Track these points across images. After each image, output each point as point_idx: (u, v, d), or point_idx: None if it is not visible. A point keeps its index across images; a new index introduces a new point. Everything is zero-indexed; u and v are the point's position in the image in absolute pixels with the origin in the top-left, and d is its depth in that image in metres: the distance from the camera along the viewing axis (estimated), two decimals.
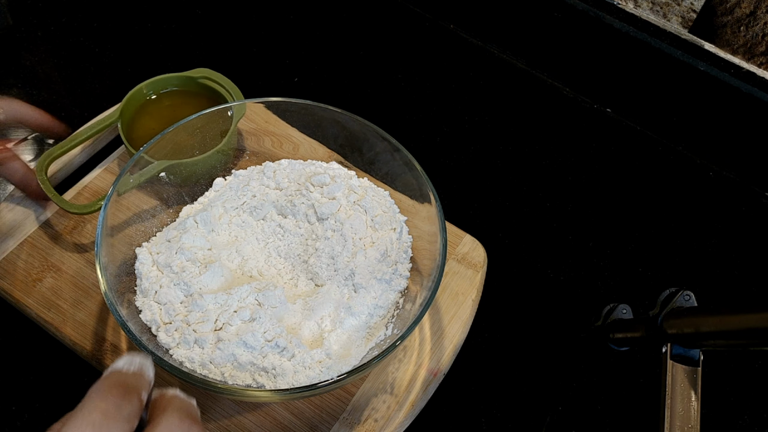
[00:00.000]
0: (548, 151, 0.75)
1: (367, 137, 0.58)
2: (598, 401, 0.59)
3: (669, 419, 0.49)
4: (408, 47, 0.84)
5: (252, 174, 0.60)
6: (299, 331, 0.51)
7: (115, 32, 0.81)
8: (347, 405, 0.53)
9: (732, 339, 0.47)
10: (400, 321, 0.53)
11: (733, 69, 0.71)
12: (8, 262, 0.57)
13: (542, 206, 0.71)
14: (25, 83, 0.75)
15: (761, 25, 0.70)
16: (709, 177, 0.75)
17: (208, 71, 0.66)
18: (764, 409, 0.60)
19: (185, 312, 0.50)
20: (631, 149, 0.77)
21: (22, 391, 0.55)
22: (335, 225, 0.55)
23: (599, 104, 0.80)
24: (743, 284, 0.67)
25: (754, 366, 0.62)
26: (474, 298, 0.60)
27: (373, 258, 0.53)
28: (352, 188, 0.57)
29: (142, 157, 0.54)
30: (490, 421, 0.57)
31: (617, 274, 0.66)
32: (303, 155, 0.62)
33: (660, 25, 0.74)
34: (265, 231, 0.57)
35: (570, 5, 0.76)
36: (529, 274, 0.66)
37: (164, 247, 0.54)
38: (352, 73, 0.81)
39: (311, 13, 0.85)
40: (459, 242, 0.62)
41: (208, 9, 0.84)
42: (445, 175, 0.71)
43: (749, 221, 0.72)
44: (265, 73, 0.79)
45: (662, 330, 0.51)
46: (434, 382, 0.55)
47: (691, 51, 0.72)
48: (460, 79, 0.81)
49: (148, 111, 0.65)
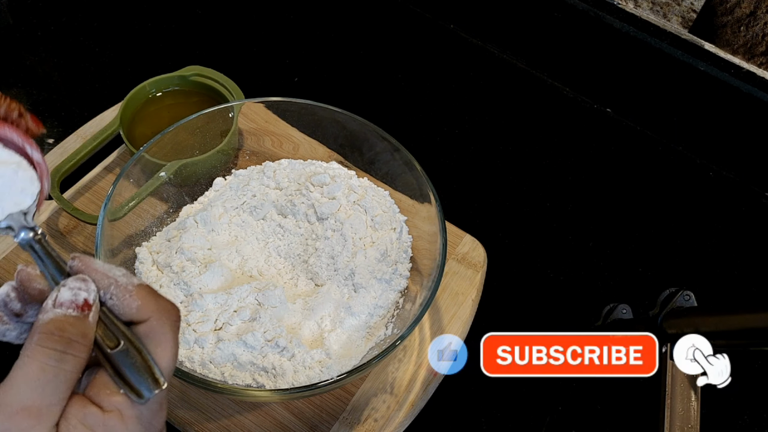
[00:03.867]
0: (548, 151, 0.75)
1: (367, 137, 0.58)
2: (598, 401, 0.59)
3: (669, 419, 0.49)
4: (408, 47, 0.84)
5: (252, 174, 0.60)
6: (299, 330, 0.51)
7: (115, 32, 0.81)
8: (347, 405, 0.53)
9: (732, 339, 0.47)
10: (400, 321, 0.53)
11: (733, 69, 0.71)
12: (8, 262, 0.57)
13: (542, 206, 0.71)
14: (25, 83, 0.75)
15: (761, 25, 0.70)
16: (709, 177, 0.75)
17: (200, 68, 0.66)
18: (764, 409, 0.60)
19: (185, 312, 0.50)
20: (631, 149, 0.77)
21: None
22: (335, 225, 0.55)
23: (599, 104, 0.80)
24: (743, 284, 0.67)
25: (754, 366, 0.62)
26: (474, 298, 0.60)
27: (373, 258, 0.53)
28: (352, 188, 0.57)
29: (143, 157, 0.54)
30: (490, 421, 0.57)
31: (617, 274, 0.66)
32: (303, 155, 0.62)
33: (660, 25, 0.74)
34: (265, 231, 0.57)
35: (570, 5, 0.76)
36: (529, 274, 0.66)
37: (164, 246, 0.54)
38: (352, 73, 0.81)
39: (311, 13, 0.85)
40: (459, 242, 0.62)
41: (208, 9, 0.84)
42: (445, 175, 0.71)
43: (749, 221, 0.72)
44: (265, 73, 0.79)
45: (662, 330, 0.51)
46: (434, 382, 0.55)
47: (691, 51, 0.72)
48: (460, 79, 0.81)
49: (149, 110, 0.65)
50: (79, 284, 0.32)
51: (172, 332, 0.32)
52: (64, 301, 0.31)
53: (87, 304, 0.31)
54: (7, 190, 0.37)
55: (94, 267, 0.32)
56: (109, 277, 0.32)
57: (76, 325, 0.30)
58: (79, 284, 0.32)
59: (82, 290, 0.32)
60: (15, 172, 0.37)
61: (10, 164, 0.38)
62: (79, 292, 0.31)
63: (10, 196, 0.37)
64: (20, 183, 0.37)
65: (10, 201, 0.37)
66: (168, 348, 0.31)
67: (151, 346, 0.31)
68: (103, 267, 0.33)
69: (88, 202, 0.62)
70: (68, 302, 0.31)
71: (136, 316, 0.31)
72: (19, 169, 0.38)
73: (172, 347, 0.31)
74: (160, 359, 0.31)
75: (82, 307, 0.31)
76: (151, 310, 0.31)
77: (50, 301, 0.31)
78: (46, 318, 0.30)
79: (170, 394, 0.51)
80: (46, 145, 0.69)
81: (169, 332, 0.31)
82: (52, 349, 0.29)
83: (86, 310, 0.31)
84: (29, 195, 0.37)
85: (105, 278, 0.32)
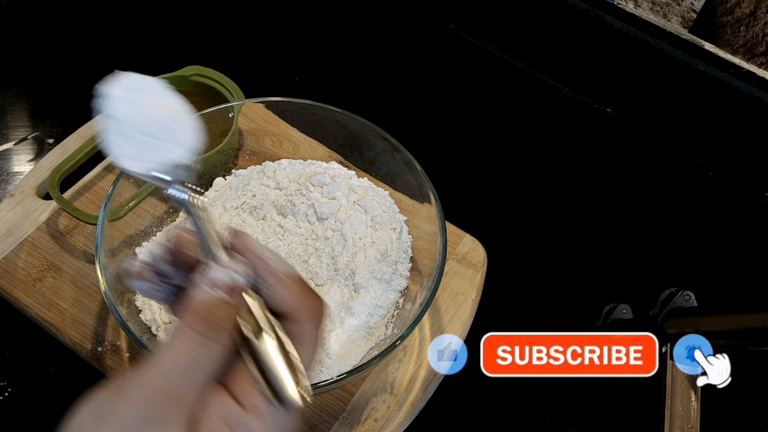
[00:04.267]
0: (548, 151, 0.75)
1: (367, 137, 0.58)
2: (598, 401, 0.59)
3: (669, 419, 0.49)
4: (408, 47, 0.84)
5: (252, 174, 0.60)
6: None
7: (115, 32, 0.81)
8: (347, 405, 0.53)
9: (732, 339, 0.47)
10: (400, 321, 0.53)
11: (733, 69, 0.71)
12: (8, 262, 0.57)
13: (542, 206, 0.71)
14: (25, 83, 0.75)
15: (761, 25, 0.70)
16: (709, 177, 0.75)
17: (200, 68, 0.66)
18: (764, 409, 0.60)
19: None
20: (631, 149, 0.77)
21: (21, 392, 0.54)
22: (335, 225, 0.55)
23: (599, 104, 0.80)
24: (743, 284, 0.67)
25: (754, 366, 0.62)
26: (474, 298, 0.60)
27: (373, 258, 0.53)
28: (352, 188, 0.57)
29: None
30: (490, 421, 0.57)
31: (617, 274, 0.66)
32: (303, 155, 0.62)
33: (660, 25, 0.74)
34: (265, 231, 0.57)
35: (570, 5, 0.76)
36: (529, 274, 0.66)
37: None
38: (352, 73, 0.81)
39: (311, 13, 0.85)
40: (459, 242, 0.62)
41: (208, 9, 0.84)
42: (445, 175, 0.71)
43: (749, 221, 0.72)
44: (265, 73, 0.79)
45: (662, 330, 0.51)
46: (434, 382, 0.55)
47: (691, 51, 0.72)
48: (460, 79, 0.81)
49: None
50: (235, 265, 0.29)
51: (317, 333, 0.30)
52: (217, 283, 0.29)
53: (241, 288, 0.29)
54: (174, 137, 0.34)
55: (253, 249, 0.30)
56: (267, 263, 0.30)
57: (226, 311, 0.28)
58: (235, 265, 0.29)
59: (237, 273, 0.29)
60: (183, 119, 0.34)
61: (180, 110, 0.35)
62: (234, 276, 0.29)
63: (176, 143, 0.34)
64: (185, 132, 0.34)
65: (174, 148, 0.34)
66: (310, 350, 0.29)
67: (295, 344, 0.29)
68: (260, 250, 0.30)
69: (88, 202, 0.62)
70: (222, 284, 0.29)
71: (285, 309, 0.29)
72: (181, 118, 0.35)
73: (314, 350, 0.29)
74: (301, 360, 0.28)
75: (236, 291, 0.29)
76: (301, 306, 0.29)
77: (204, 279, 0.29)
78: (198, 297, 0.28)
79: None
80: (46, 145, 0.69)
81: (314, 333, 0.29)
82: (199, 333, 0.27)
83: (239, 296, 0.29)
84: (191, 146, 0.34)
85: (262, 263, 0.30)
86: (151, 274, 0.32)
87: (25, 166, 0.68)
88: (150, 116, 0.34)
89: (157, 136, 0.34)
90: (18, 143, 0.69)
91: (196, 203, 0.32)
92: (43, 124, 0.71)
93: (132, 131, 0.34)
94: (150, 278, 0.32)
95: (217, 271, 0.29)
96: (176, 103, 0.35)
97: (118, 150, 0.34)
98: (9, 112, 0.72)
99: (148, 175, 0.34)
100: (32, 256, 0.58)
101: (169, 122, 0.34)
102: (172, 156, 0.34)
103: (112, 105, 0.35)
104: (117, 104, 0.35)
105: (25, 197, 0.61)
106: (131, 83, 0.35)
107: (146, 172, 0.34)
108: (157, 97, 0.35)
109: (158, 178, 0.33)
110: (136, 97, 0.35)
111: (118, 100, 0.35)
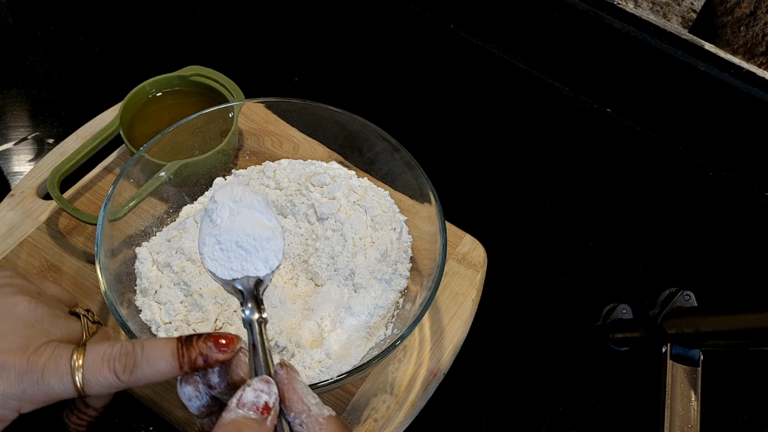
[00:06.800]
0: (548, 151, 0.75)
1: (367, 137, 0.58)
2: (598, 401, 0.59)
3: (669, 419, 0.49)
4: (408, 47, 0.84)
5: (252, 174, 0.60)
6: (299, 330, 0.51)
7: (115, 32, 0.81)
8: (347, 405, 0.53)
9: (732, 339, 0.47)
10: (400, 321, 0.53)
11: (733, 69, 0.71)
12: (8, 262, 0.57)
13: (542, 206, 0.71)
14: (25, 83, 0.75)
15: (761, 25, 0.70)
16: (709, 177, 0.75)
17: (200, 68, 0.66)
18: (764, 409, 0.60)
19: (185, 312, 0.50)
20: (631, 149, 0.77)
21: None
22: (335, 225, 0.55)
23: (599, 104, 0.80)
24: (743, 284, 0.67)
25: (754, 366, 0.62)
26: (474, 298, 0.60)
27: (373, 258, 0.53)
28: (352, 188, 0.57)
29: (143, 157, 0.54)
30: (490, 421, 0.57)
31: (617, 274, 0.66)
32: (303, 155, 0.62)
33: (660, 25, 0.74)
34: None
35: (570, 5, 0.76)
36: (529, 274, 0.66)
37: (164, 246, 0.54)
38: (352, 73, 0.81)
39: (311, 13, 0.85)
40: (459, 242, 0.62)
41: (208, 9, 0.84)
42: (445, 175, 0.71)
43: (749, 221, 0.72)
44: (265, 73, 0.79)
45: (662, 330, 0.51)
46: (434, 382, 0.55)
47: (691, 51, 0.72)
48: (460, 79, 0.81)
49: (149, 110, 0.65)
50: (263, 386, 0.32)
51: None
52: (246, 402, 0.32)
53: (267, 407, 0.32)
54: (261, 253, 0.38)
55: (294, 387, 0.33)
56: (305, 402, 0.33)
57: (253, 428, 0.31)
58: (263, 386, 0.32)
59: (264, 392, 0.32)
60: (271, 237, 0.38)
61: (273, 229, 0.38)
62: (261, 395, 0.32)
63: (262, 259, 0.38)
64: (272, 251, 0.38)
65: (259, 264, 0.37)
66: None
67: None
68: (302, 390, 0.33)
69: (88, 202, 0.62)
70: (250, 403, 0.32)
71: None
72: (273, 237, 0.38)
73: None
74: None
75: (262, 410, 0.32)
76: None
77: (234, 400, 0.32)
78: (228, 417, 0.31)
79: (170, 393, 0.51)
80: (46, 145, 0.69)
81: None
82: None
83: (266, 414, 0.32)
84: (270, 264, 0.38)
85: (300, 403, 0.33)
86: (196, 379, 0.35)
87: (25, 166, 0.68)
88: (245, 229, 0.37)
89: (246, 249, 0.37)
90: (18, 143, 0.69)
91: (261, 329, 0.35)
92: (43, 124, 0.71)
93: (226, 239, 0.37)
94: (194, 383, 0.35)
95: (247, 392, 0.32)
96: (272, 222, 0.39)
97: (207, 251, 0.38)
98: (9, 112, 0.72)
99: (228, 282, 0.38)
100: (32, 257, 0.58)
101: (261, 239, 0.37)
102: (254, 271, 0.37)
103: (215, 209, 0.38)
104: (219, 210, 0.38)
105: (25, 197, 0.61)
106: (236, 194, 0.39)
107: (228, 278, 0.38)
108: (256, 212, 0.39)
109: (236, 289, 0.37)
110: (238, 209, 0.38)
111: (221, 206, 0.38)
